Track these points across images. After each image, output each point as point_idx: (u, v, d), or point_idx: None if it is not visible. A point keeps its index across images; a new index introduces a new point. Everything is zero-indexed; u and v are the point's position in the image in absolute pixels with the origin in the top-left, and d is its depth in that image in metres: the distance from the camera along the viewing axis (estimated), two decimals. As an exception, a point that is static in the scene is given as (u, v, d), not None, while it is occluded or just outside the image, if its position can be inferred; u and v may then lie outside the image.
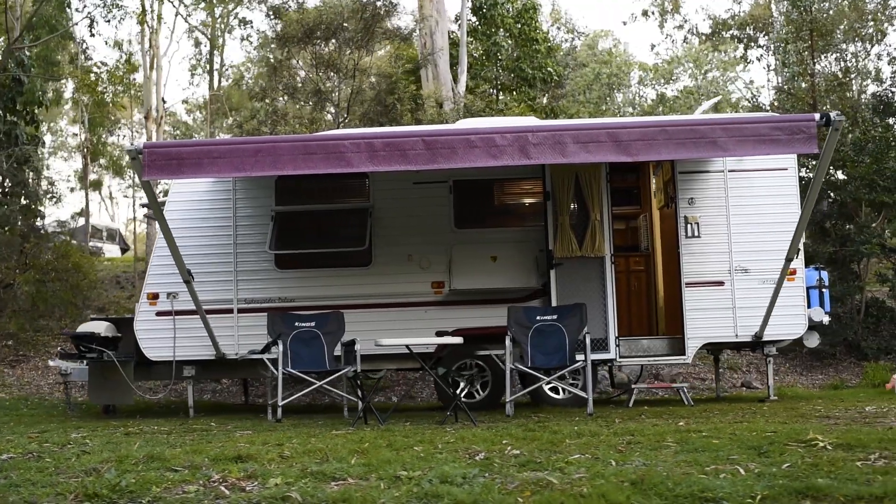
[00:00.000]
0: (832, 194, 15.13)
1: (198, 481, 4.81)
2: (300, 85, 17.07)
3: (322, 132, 11.26)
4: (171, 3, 24.67)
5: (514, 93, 25.63)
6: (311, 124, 15.56)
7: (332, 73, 16.98)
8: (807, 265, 14.84)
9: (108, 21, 19.13)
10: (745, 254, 9.60)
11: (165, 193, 12.81)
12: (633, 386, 9.66)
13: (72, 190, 36.00)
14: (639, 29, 71.51)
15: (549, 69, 25.18)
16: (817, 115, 7.22)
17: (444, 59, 18.12)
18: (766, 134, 7.22)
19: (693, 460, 4.95)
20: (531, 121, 10.74)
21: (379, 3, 16.99)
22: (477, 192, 9.87)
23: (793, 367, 14.50)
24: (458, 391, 8.42)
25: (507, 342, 8.24)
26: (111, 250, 29.16)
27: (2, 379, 12.89)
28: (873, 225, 14.72)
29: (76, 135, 25.16)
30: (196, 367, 9.78)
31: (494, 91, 25.57)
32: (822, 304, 10.06)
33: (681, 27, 31.47)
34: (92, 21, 21.34)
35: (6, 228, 18.35)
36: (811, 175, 15.88)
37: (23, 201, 22.76)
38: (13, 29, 23.04)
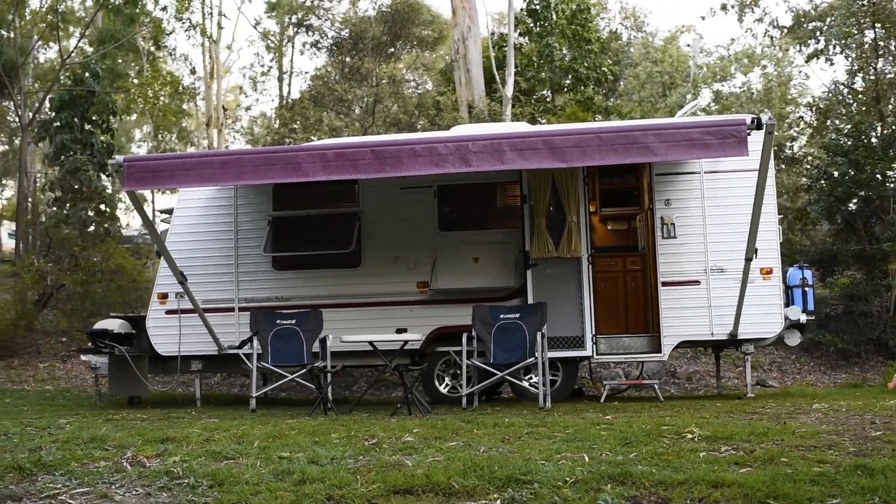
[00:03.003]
0: (861, 193, 14.96)
1: (112, 458, 5.48)
2: (325, 94, 17.82)
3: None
4: (241, 13, 25.72)
5: (570, 93, 25.92)
6: (331, 132, 16.26)
7: (356, 82, 17.63)
8: (830, 264, 14.83)
9: (169, 34, 20.25)
10: (722, 253, 9.75)
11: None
12: (605, 383, 9.97)
13: (160, 193, 37.86)
14: (718, 23, 69.83)
15: (603, 69, 25.33)
16: (748, 119, 7.42)
17: (476, 64, 18.55)
18: (697, 139, 7.47)
19: (556, 448, 5.36)
20: (523, 127, 11.13)
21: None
22: (460, 196, 10.31)
23: (817, 365, 14.43)
24: (411, 386, 8.86)
25: (464, 339, 8.70)
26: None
27: (53, 372, 14.03)
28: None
29: (144, 141, 26.75)
30: (203, 362, 10.54)
31: (550, 92, 25.91)
32: (805, 303, 10.14)
33: (760, 20, 30.97)
34: (157, 34, 22.66)
35: (86, 228, 19.68)
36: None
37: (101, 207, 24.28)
38: (93, 42, 24.57)
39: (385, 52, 17.90)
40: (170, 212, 10.96)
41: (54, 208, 23.23)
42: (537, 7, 24.84)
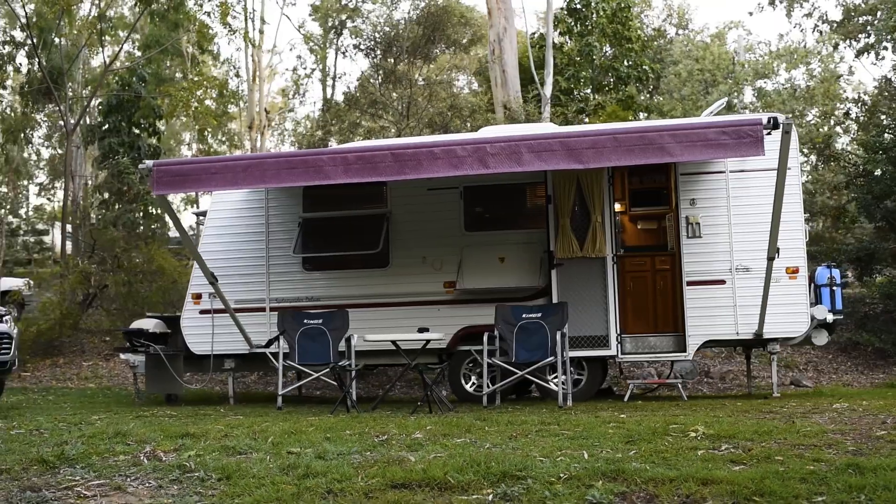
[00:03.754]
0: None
1: (132, 452, 5.70)
2: (361, 97, 18.06)
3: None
4: (285, 15, 26.09)
5: (612, 92, 25.91)
6: (368, 134, 16.49)
7: (391, 84, 17.83)
8: (869, 263, 14.63)
9: (210, 39, 20.66)
10: (747, 253, 9.71)
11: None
12: (629, 382, 10.01)
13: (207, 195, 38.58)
14: (766, 19, 68.56)
15: (644, 67, 25.22)
16: (764, 118, 7.44)
17: (511, 65, 18.64)
18: (713, 139, 7.50)
19: (559, 445, 5.46)
20: (550, 127, 11.20)
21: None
22: (485, 197, 10.43)
23: (854, 365, 14.25)
24: (432, 384, 8.99)
25: (485, 339, 8.83)
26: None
27: (96, 371, 14.45)
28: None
29: (189, 144, 27.39)
30: (235, 361, 10.81)
31: (591, 91, 25.84)
32: (833, 303, 10.07)
33: (809, 15, 30.50)
34: (200, 39, 23.12)
35: (135, 230, 20.17)
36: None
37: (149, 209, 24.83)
38: (141, 47, 25.07)
39: (420, 54, 18.05)
40: (205, 214, 11.25)
41: (103, 210, 23.90)
42: (578, 6, 24.86)
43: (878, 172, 14.89)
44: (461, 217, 10.42)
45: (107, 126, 24.47)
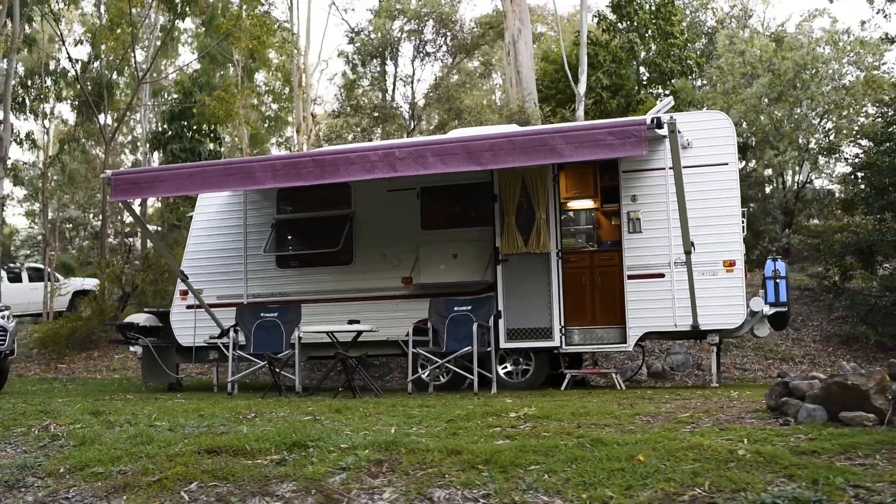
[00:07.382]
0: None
1: (35, 426, 6.58)
2: (363, 102, 18.82)
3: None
4: (345, 21, 26.97)
5: (660, 87, 26.02)
6: (365, 138, 17.22)
7: (396, 88, 18.50)
8: (870, 255, 14.54)
9: (256, 47, 21.78)
10: (686, 247, 9.99)
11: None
12: (565, 371, 10.39)
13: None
14: (849, 5, 65.77)
15: (688, 61, 25.19)
16: (648, 118, 7.83)
17: (526, 66, 19.05)
18: (600, 139, 7.94)
19: (386, 423, 6.07)
20: (513, 128, 11.67)
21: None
22: (440, 197, 11.00)
23: (853, 358, 14.10)
24: (353, 371, 9.64)
25: (410, 331, 9.43)
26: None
27: (125, 363, 15.67)
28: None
29: (241, 149, 28.74)
30: (219, 352, 11.68)
31: (636, 87, 25.94)
32: (777, 295, 10.23)
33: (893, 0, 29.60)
34: (252, 50, 24.31)
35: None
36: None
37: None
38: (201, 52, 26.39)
39: (428, 60, 18.70)
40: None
41: (168, 213, 25.45)
42: (622, 1, 25.00)
43: (885, 161, 14.70)
44: (418, 216, 11.02)
45: (170, 133, 26.12)
